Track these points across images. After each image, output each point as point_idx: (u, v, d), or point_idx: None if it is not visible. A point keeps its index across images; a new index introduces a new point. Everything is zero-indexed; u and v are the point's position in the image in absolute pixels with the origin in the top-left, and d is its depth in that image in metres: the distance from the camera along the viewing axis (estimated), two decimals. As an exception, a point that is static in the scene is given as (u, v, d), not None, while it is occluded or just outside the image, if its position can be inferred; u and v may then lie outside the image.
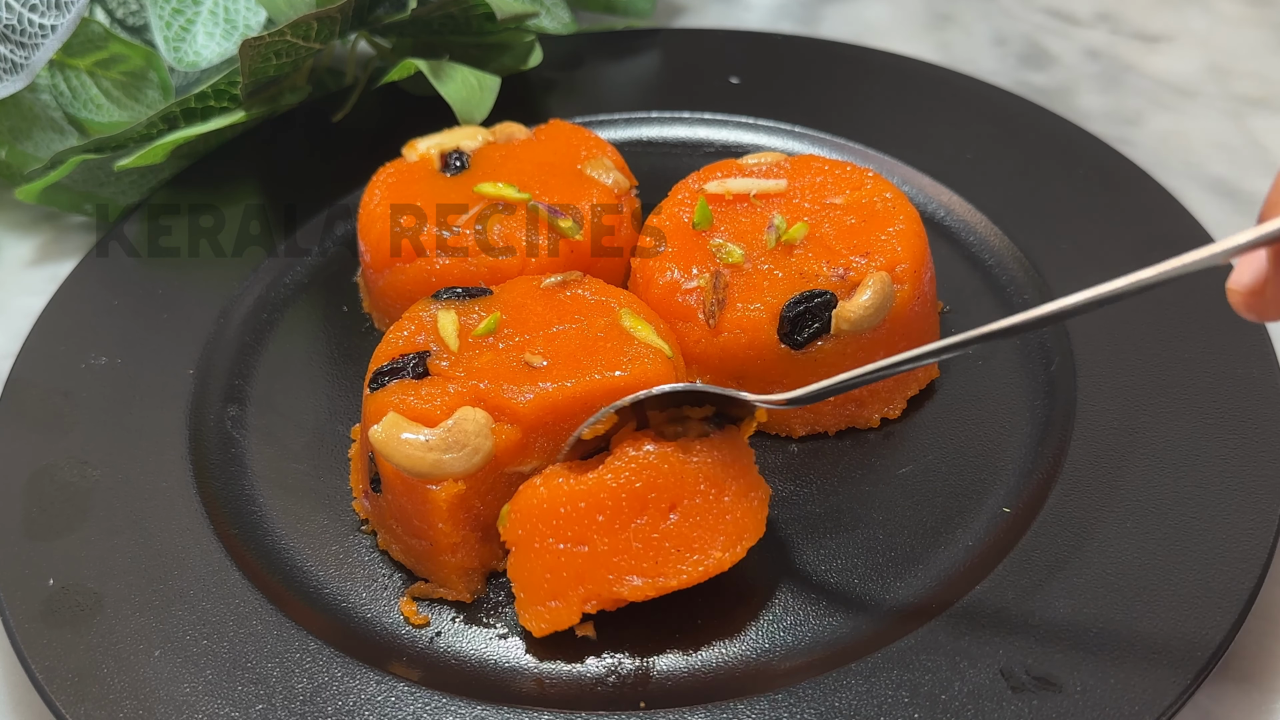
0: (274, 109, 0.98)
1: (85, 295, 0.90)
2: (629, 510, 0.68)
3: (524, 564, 0.69)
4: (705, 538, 0.69)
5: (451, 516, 0.71)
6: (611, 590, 0.68)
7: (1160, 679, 0.65)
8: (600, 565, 0.68)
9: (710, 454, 0.70)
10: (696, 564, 0.68)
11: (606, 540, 0.68)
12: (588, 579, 0.68)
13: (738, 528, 0.69)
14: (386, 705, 0.67)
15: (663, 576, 0.68)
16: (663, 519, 0.68)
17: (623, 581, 0.68)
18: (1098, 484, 0.74)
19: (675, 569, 0.68)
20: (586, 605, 0.68)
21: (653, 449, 0.69)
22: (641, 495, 0.69)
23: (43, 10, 0.94)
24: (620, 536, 0.68)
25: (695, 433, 0.71)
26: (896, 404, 0.82)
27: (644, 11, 1.15)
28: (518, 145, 0.92)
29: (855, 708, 0.65)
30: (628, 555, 0.68)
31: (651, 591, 0.68)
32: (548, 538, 0.68)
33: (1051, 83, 1.14)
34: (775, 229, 0.82)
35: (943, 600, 0.70)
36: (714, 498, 0.69)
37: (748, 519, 0.70)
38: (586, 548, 0.68)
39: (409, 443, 0.70)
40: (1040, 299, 0.86)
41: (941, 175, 0.96)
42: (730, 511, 0.69)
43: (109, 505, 0.76)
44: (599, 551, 0.68)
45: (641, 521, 0.68)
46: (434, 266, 0.84)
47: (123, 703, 0.66)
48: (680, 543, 0.68)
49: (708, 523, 0.69)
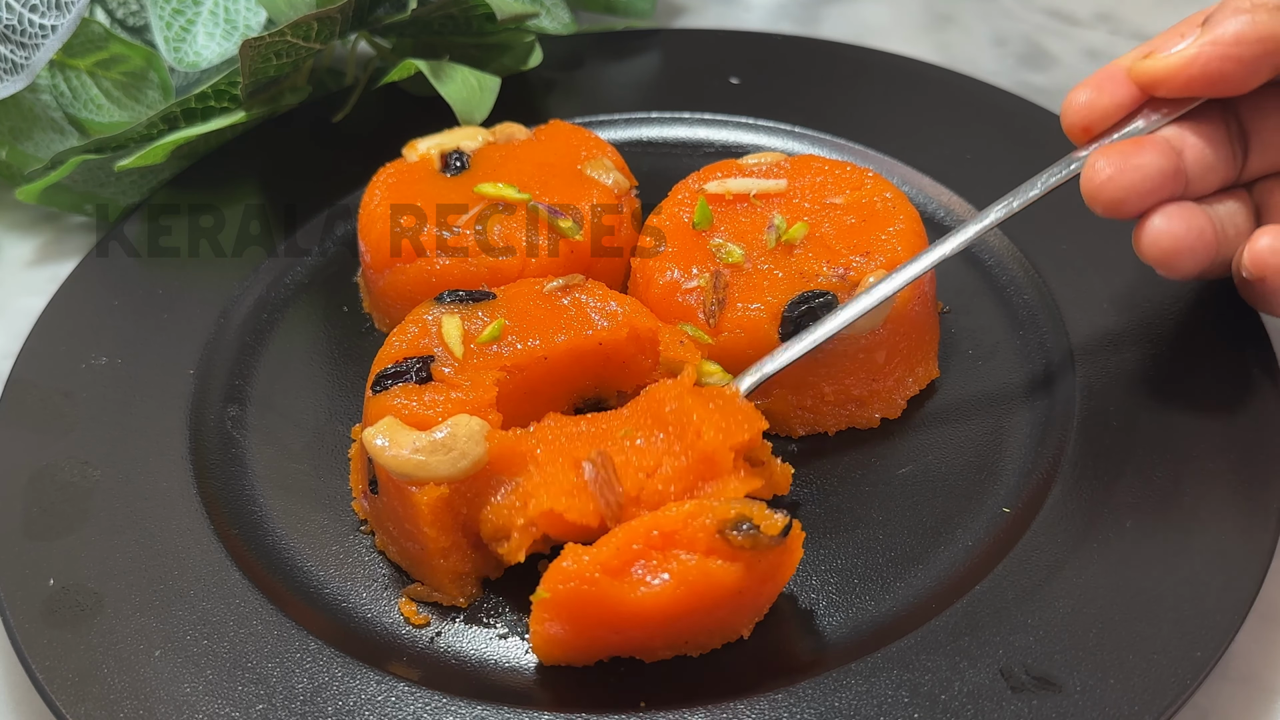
0: (274, 109, 0.98)
1: (85, 295, 0.90)
2: (673, 617, 0.67)
3: (546, 637, 0.68)
4: (735, 624, 0.70)
5: (435, 520, 0.70)
6: (631, 655, 0.69)
7: (1160, 679, 0.65)
8: (628, 646, 0.69)
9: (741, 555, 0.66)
10: (719, 639, 0.70)
11: (637, 636, 0.68)
12: (613, 650, 0.69)
13: (754, 610, 0.70)
14: (386, 705, 0.67)
15: (684, 651, 0.69)
16: (692, 625, 0.68)
17: (643, 652, 0.69)
18: (1098, 484, 0.74)
19: (698, 646, 0.69)
20: (602, 657, 0.69)
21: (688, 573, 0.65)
22: (690, 607, 0.67)
23: (43, 10, 0.94)
24: (656, 631, 0.68)
25: (764, 544, 0.66)
26: (896, 404, 0.82)
27: (644, 12, 1.15)
28: (518, 145, 0.92)
29: (855, 708, 0.65)
30: (658, 641, 0.69)
31: (668, 655, 0.69)
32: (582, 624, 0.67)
33: (1051, 83, 1.14)
34: (775, 229, 0.82)
35: (943, 600, 0.70)
36: (740, 601, 0.69)
37: (763, 602, 0.70)
38: (617, 637, 0.68)
39: (398, 444, 0.70)
40: (1040, 299, 0.87)
41: (941, 175, 0.96)
42: (753, 602, 0.70)
43: (109, 505, 0.76)
44: (631, 638, 0.68)
45: (670, 628, 0.68)
46: (434, 267, 0.84)
47: (123, 703, 0.66)
48: (713, 627, 0.69)
49: (730, 617, 0.69)
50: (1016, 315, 0.87)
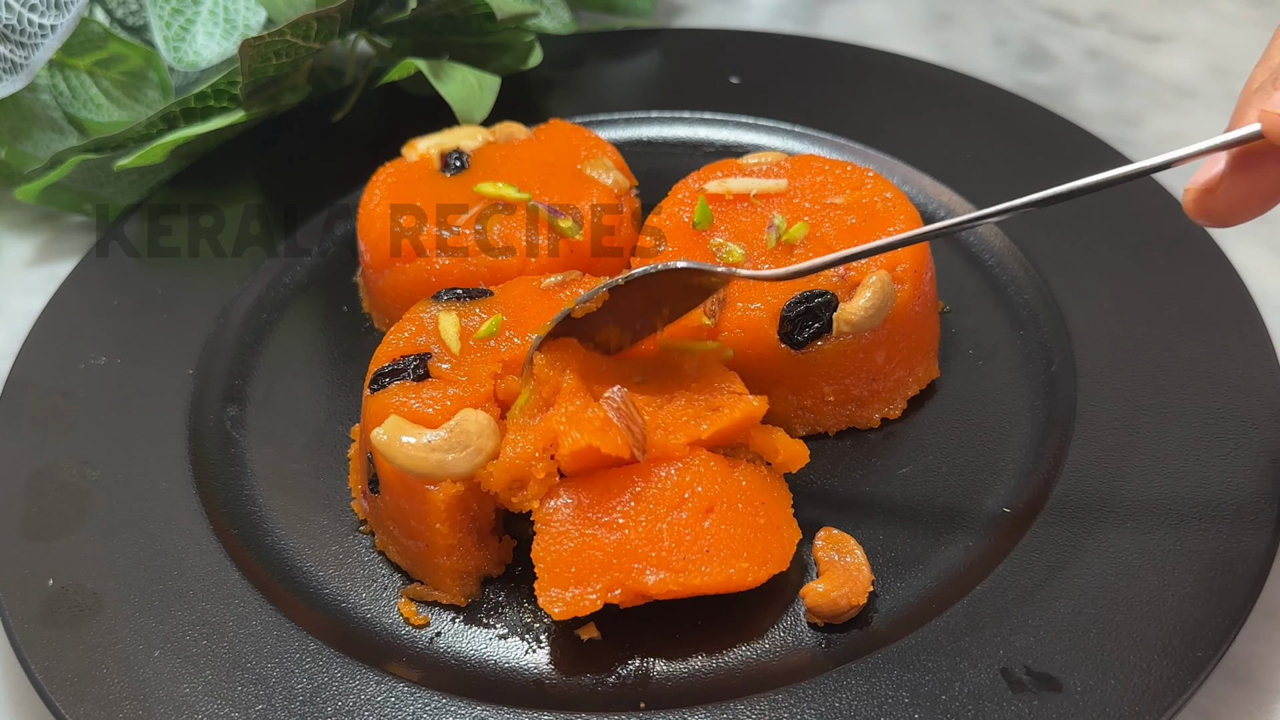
0: (274, 109, 0.98)
1: (85, 295, 0.90)
2: (668, 501, 0.69)
3: (550, 545, 0.68)
4: (734, 549, 0.69)
5: (449, 517, 0.71)
6: (636, 581, 0.68)
7: (1160, 679, 0.65)
8: (629, 554, 0.68)
9: (754, 478, 0.71)
10: (721, 570, 0.68)
11: (640, 526, 0.68)
12: (615, 567, 0.68)
13: (765, 551, 0.69)
14: (386, 705, 0.67)
15: (686, 574, 0.68)
16: (698, 519, 0.69)
17: (648, 573, 0.68)
18: (1098, 484, 0.74)
19: (700, 570, 0.68)
20: (610, 594, 0.68)
21: (704, 453, 0.70)
22: (683, 490, 0.69)
23: (42, 10, 0.94)
24: (654, 526, 0.68)
25: (745, 457, 0.72)
26: (896, 404, 0.82)
27: (644, 11, 1.14)
28: (518, 145, 0.92)
29: (855, 708, 0.65)
30: (657, 547, 0.68)
31: (674, 587, 0.68)
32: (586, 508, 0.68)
33: (1051, 83, 1.13)
34: (776, 229, 0.82)
35: (943, 600, 0.70)
36: (749, 515, 0.70)
37: (775, 547, 0.70)
38: (618, 535, 0.68)
39: (411, 444, 0.70)
40: (1040, 299, 0.87)
41: (941, 175, 0.96)
42: (761, 533, 0.70)
43: (109, 505, 0.76)
44: (630, 539, 0.68)
45: (677, 516, 0.68)
46: (434, 266, 0.84)
47: (122, 703, 0.66)
48: (710, 545, 0.68)
49: (739, 535, 0.69)
50: (1016, 315, 0.87)
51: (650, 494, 0.69)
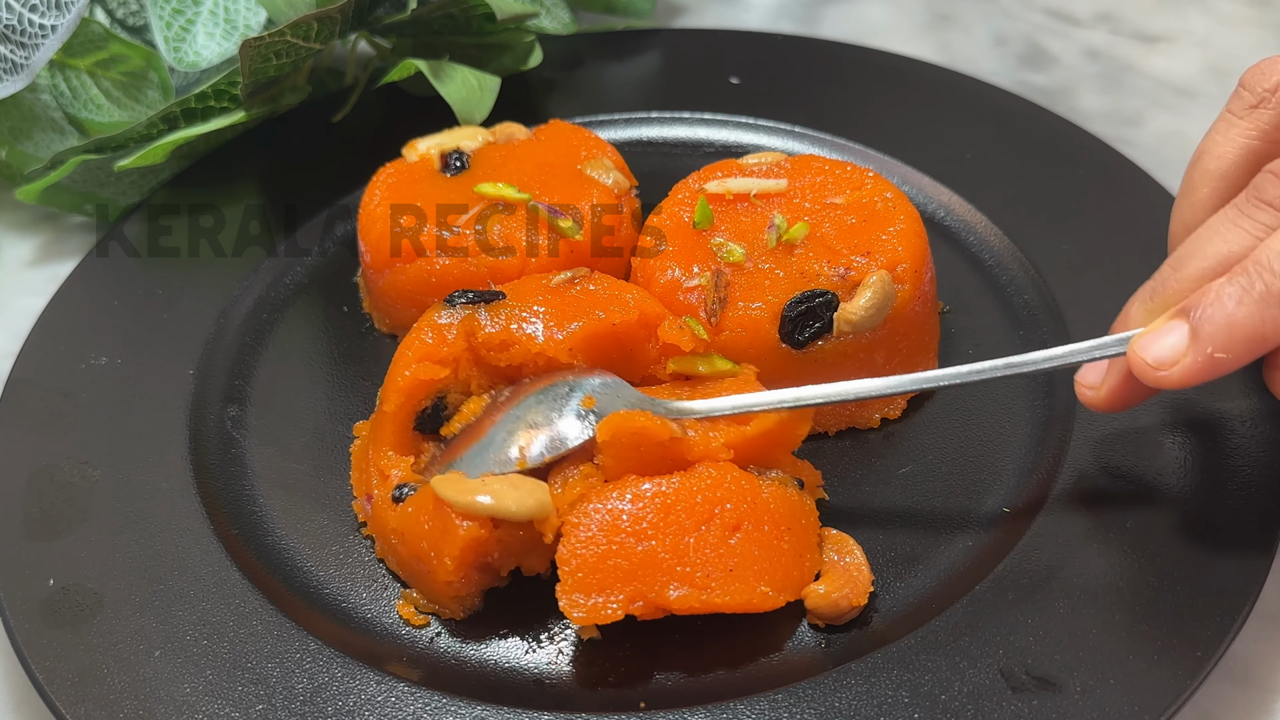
0: (274, 109, 0.98)
1: (85, 295, 0.90)
2: (697, 515, 0.68)
3: (577, 548, 0.68)
4: (757, 571, 0.69)
5: (462, 557, 0.70)
6: (659, 595, 0.67)
7: (1160, 679, 0.65)
8: (654, 566, 0.67)
9: (781, 500, 0.71)
10: (742, 593, 0.68)
11: (668, 539, 0.68)
12: (639, 578, 0.67)
13: (787, 576, 0.69)
14: (386, 705, 0.67)
15: (708, 592, 0.67)
16: (725, 536, 0.68)
17: (671, 588, 0.67)
18: (1098, 484, 0.74)
19: (722, 589, 0.68)
20: (632, 605, 0.68)
21: (735, 469, 0.70)
22: (712, 505, 0.69)
23: (43, 10, 0.94)
24: (681, 540, 0.68)
25: (776, 480, 0.72)
26: (896, 404, 0.82)
27: (644, 11, 1.15)
28: (518, 145, 0.92)
29: (855, 708, 0.65)
30: (683, 562, 0.68)
31: (695, 604, 0.67)
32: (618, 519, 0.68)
33: (1051, 83, 1.14)
34: (776, 228, 0.82)
35: (943, 600, 0.70)
36: (773, 539, 0.69)
37: (796, 574, 0.70)
38: (645, 546, 0.68)
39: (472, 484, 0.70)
40: (1040, 299, 0.87)
41: (941, 175, 0.96)
42: (785, 557, 0.70)
43: (109, 505, 0.76)
44: (657, 551, 0.68)
45: (704, 531, 0.68)
46: (434, 266, 0.84)
47: (123, 703, 0.66)
48: (735, 565, 0.68)
49: (763, 557, 0.69)
50: (1016, 315, 0.87)
51: (680, 506, 0.68)
